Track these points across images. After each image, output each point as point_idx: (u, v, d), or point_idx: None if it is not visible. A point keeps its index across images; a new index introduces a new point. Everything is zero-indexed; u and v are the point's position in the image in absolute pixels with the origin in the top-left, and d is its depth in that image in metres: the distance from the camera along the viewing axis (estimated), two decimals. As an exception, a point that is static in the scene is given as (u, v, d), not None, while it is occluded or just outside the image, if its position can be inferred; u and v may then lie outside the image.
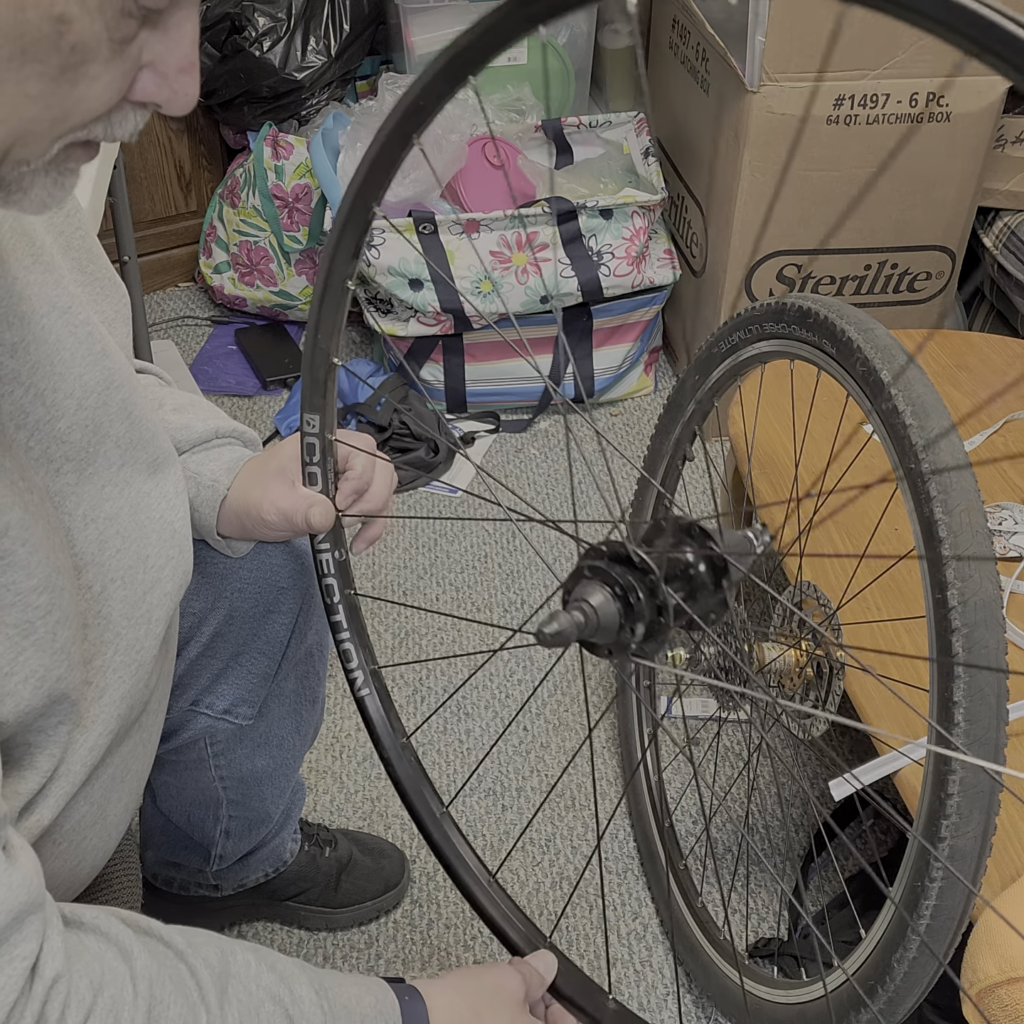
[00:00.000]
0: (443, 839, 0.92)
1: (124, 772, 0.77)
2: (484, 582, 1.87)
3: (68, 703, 0.66)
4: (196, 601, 1.00)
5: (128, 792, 0.79)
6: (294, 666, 1.10)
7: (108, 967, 0.61)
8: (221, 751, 1.11)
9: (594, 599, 0.65)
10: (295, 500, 0.89)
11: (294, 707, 1.13)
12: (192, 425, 0.92)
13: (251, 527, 0.91)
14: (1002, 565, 1.24)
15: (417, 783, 0.93)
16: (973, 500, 0.87)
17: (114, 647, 0.71)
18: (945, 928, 0.90)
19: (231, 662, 1.04)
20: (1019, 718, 1.10)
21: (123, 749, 0.76)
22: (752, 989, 1.18)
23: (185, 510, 0.80)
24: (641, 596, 0.64)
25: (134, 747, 0.78)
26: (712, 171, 2.03)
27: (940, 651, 0.87)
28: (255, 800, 1.18)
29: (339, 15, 2.26)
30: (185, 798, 1.18)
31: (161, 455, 0.78)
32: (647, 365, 2.28)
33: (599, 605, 0.65)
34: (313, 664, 1.13)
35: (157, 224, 2.46)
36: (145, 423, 0.76)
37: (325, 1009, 0.68)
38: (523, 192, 2.16)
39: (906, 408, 0.91)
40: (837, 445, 1.41)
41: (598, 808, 1.55)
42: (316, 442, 0.86)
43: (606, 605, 0.65)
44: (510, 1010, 0.76)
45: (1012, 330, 2.06)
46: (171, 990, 0.62)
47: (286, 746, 1.16)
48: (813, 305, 1.04)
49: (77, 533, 0.69)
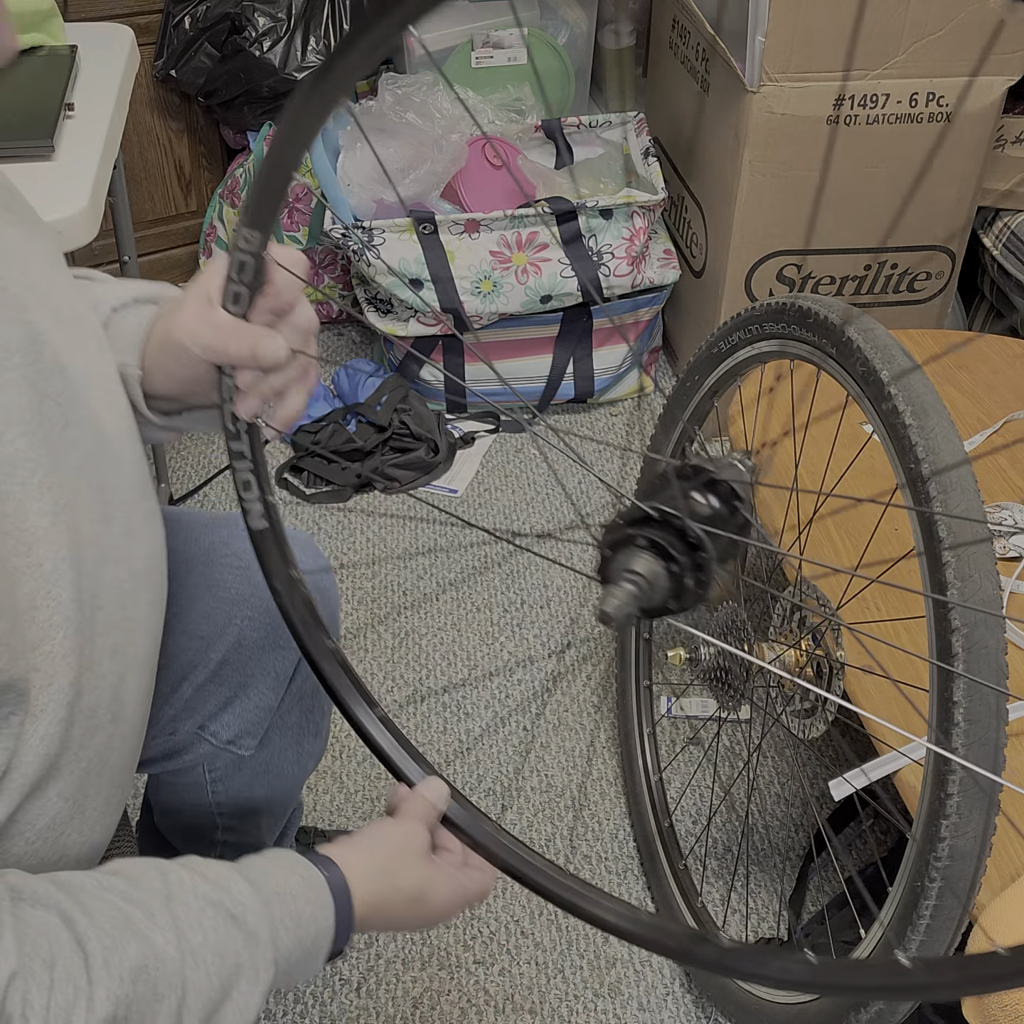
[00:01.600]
0: (334, 674, 0.91)
1: (100, 766, 0.75)
2: (484, 582, 1.87)
3: (15, 693, 0.64)
4: (205, 625, 0.99)
5: (108, 786, 0.77)
6: (299, 700, 1.09)
7: (54, 939, 0.61)
8: (219, 778, 1.10)
9: (636, 565, 0.65)
10: (215, 321, 0.77)
11: (296, 738, 1.12)
12: (114, 291, 0.87)
13: (172, 359, 0.81)
14: (1002, 565, 1.24)
15: (306, 617, 0.91)
16: (973, 500, 0.88)
17: (63, 631, 0.68)
18: (945, 928, 0.90)
19: (239, 691, 1.03)
20: (1019, 718, 1.10)
21: (95, 742, 0.74)
22: (752, 989, 1.18)
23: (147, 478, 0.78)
24: (673, 542, 0.65)
25: (110, 740, 0.76)
26: (712, 171, 2.03)
27: (940, 651, 0.87)
28: (251, 827, 1.17)
29: (339, 15, 2.26)
30: (181, 819, 1.16)
31: (106, 402, 0.75)
32: (647, 365, 2.28)
33: (642, 568, 0.65)
34: (319, 698, 1.12)
35: (157, 224, 2.46)
36: (81, 377, 0.73)
37: (261, 899, 0.69)
38: (523, 192, 2.16)
39: (906, 408, 0.91)
40: (837, 446, 1.41)
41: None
42: (250, 261, 0.75)
43: (648, 564, 0.65)
44: (419, 863, 0.79)
45: (1012, 330, 2.06)
46: (122, 933, 0.63)
47: (285, 776, 1.14)
48: (813, 305, 1.04)
49: (31, 504, 0.66)
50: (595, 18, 2.35)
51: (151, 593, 0.81)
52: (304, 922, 0.71)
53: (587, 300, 2.08)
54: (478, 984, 1.36)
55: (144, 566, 0.79)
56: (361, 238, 1.99)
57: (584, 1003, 1.34)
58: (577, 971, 1.37)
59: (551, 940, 1.40)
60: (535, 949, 1.39)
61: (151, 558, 0.80)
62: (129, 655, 0.77)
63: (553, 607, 1.83)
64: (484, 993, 1.35)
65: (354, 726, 0.86)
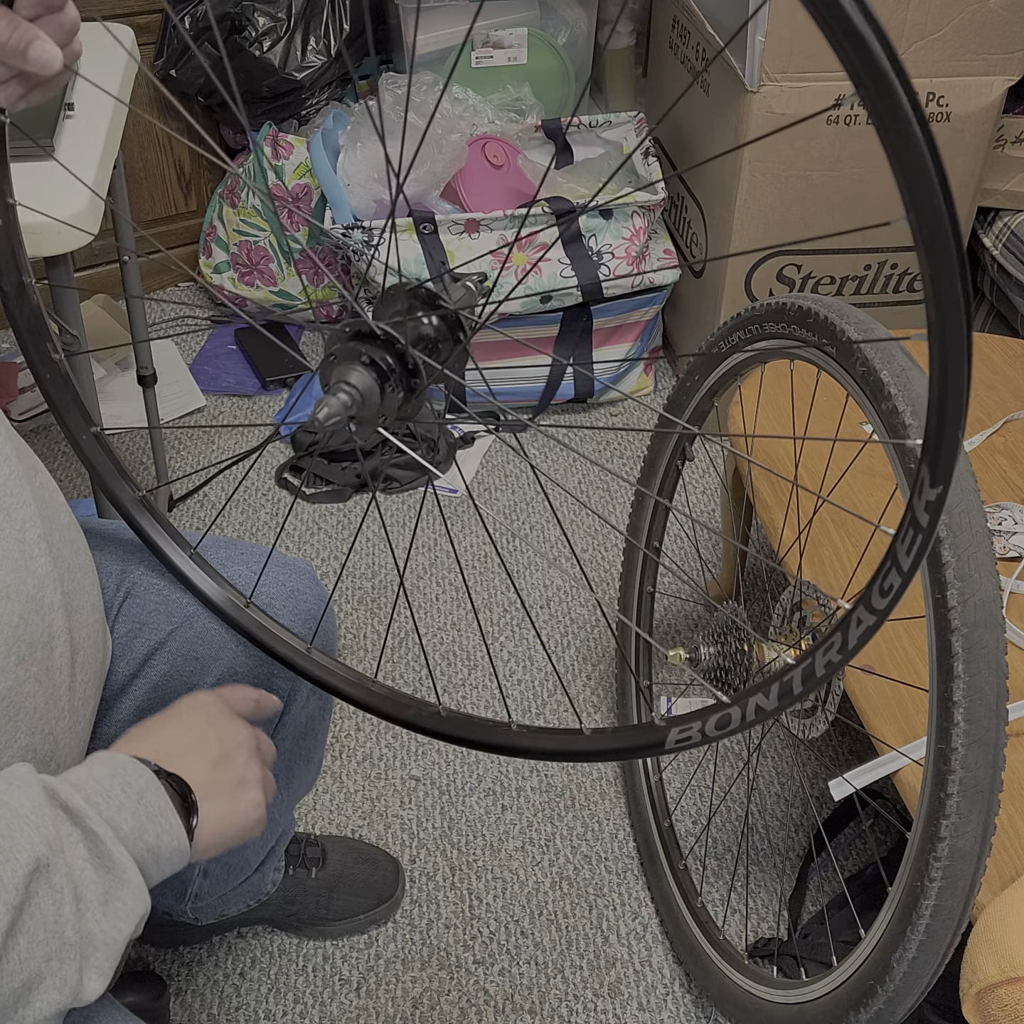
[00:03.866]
0: (146, 521, 0.94)
1: (13, 711, 0.75)
2: (484, 582, 1.87)
3: None
4: (201, 646, 0.99)
5: (26, 733, 0.76)
6: (292, 730, 1.08)
7: None
8: None
9: (351, 377, 0.68)
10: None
11: (287, 765, 1.11)
12: None
13: None
14: (1002, 565, 1.24)
15: (111, 465, 0.94)
16: (973, 500, 0.88)
17: None
18: (945, 928, 0.90)
19: None
20: (1019, 718, 1.10)
21: (0, 685, 0.73)
22: (752, 989, 1.18)
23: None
24: (391, 359, 0.69)
25: (19, 684, 0.75)
26: (712, 171, 2.03)
27: (940, 651, 0.87)
28: (236, 849, 1.17)
29: (339, 15, 2.26)
30: None
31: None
32: (647, 365, 2.28)
33: (357, 381, 0.68)
34: (313, 728, 1.12)
35: (157, 224, 2.46)
36: None
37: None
38: (523, 192, 2.16)
39: (906, 408, 0.91)
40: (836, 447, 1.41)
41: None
42: None
43: (363, 378, 0.68)
44: (245, 761, 0.82)
45: (1012, 330, 2.06)
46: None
47: (274, 801, 1.14)
48: (813, 305, 1.04)
49: None
50: (595, 18, 2.35)
51: (14, 530, 0.78)
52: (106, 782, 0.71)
53: (587, 300, 2.08)
54: (478, 984, 1.36)
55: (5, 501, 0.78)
56: (361, 238, 1.99)
57: (584, 1003, 1.34)
58: (577, 971, 1.37)
59: (551, 940, 1.40)
60: (535, 949, 1.39)
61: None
62: (23, 595, 0.76)
63: (553, 607, 1.83)
64: (484, 993, 1.35)
65: (173, 571, 0.96)
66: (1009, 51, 1.82)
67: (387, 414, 0.71)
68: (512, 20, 2.23)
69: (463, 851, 1.49)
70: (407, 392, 0.71)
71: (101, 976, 0.66)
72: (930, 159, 0.41)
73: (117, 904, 0.67)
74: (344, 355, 0.69)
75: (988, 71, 1.84)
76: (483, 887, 1.45)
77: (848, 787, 1.09)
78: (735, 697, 0.66)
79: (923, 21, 1.78)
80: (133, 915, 0.68)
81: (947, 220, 0.43)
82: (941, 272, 0.45)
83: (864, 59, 0.39)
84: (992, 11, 1.78)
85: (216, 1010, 1.33)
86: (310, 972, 1.37)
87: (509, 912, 1.43)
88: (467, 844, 1.50)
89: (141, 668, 0.98)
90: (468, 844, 1.50)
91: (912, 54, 1.80)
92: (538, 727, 0.79)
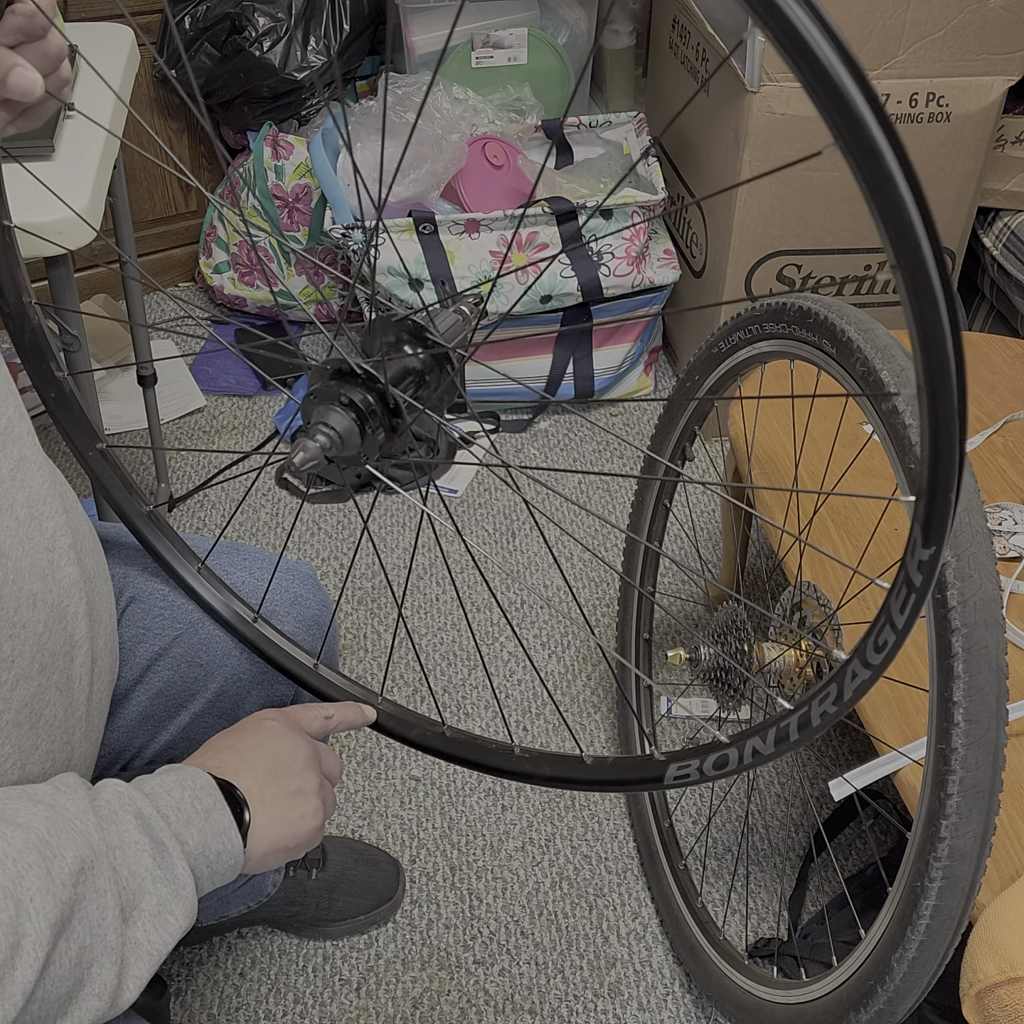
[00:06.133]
0: (154, 536, 0.95)
1: (34, 719, 0.75)
2: (484, 582, 1.87)
3: None
4: (205, 652, 0.99)
5: (47, 740, 0.76)
6: None
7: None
8: None
9: (330, 419, 0.67)
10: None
11: None
12: None
13: None
14: (1002, 565, 1.24)
15: (118, 480, 0.94)
16: (973, 500, 0.88)
17: None
18: (945, 928, 0.90)
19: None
20: (1019, 718, 1.10)
21: (21, 693, 0.73)
22: (752, 989, 1.18)
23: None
24: (371, 400, 0.67)
25: (40, 691, 0.75)
26: (712, 171, 2.03)
27: (940, 651, 0.87)
28: None
29: (339, 15, 2.26)
30: None
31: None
32: (647, 365, 2.28)
33: (335, 422, 0.66)
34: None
35: (157, 224, 2.46)
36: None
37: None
38: (523, 192, 2.16)
39: (906, 408, 0.91)
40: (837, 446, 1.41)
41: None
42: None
43: (341, 420, 0.67)
44: (302, 770, 0.82)
45: (1012, 330, 2.06)
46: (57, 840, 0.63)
47: None
48: (813, 305, 1.04)
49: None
50: (595, 18, 2.35)
51: (44, 539, 0.78)
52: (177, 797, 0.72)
53: (587, 300, 2.08)
54: (478, 984, 1.36)
55: (26, 513, 0.77)
56: (361, 238, 1.99)
57: (584, 1003, 1.34)
58: (577, 971, 1.37)
59: (551, 940, 1.40)
60: (535, 949, 1.39)
61: (30, 505, 0.78)
62: (49, 604, 0.76)
63: (553, 607, 1.83)
64: (484, 993, 1.35)
65: (179, 582, 0.96)
66: (1009, 51, 1.82)
67: (368, 454, 0.69)
68: (512, 20, 2.23)
69: (463, 851, 1.49)
70: (389, 431, 0.69)
71: (138, 986, 0.66)
72: (918, 217, 0.41)
73: (169, 918, 0.68)
74: (324, 395, 0.68)
75: (988, 71, 1.84)
76: (483, 887, 1.45)
77: (848, 787, 1.09)
78: (733, 738, 0.67)
79: (923, 21, 1.78)
80: (180, 930, 0.69)
81: (937, 279, 0.42)
82: (928, 327, 0.44)
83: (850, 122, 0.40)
84: (992, 11, 1.78)
85: (216, 1010, 1.33)
86: (310, 972, 1.37)
87: (509, 912, 1.43)
88: (467, 844, 1.50)
89: (144, 674, 0.97)
90: (468, 844, 1.50)
91: (912, 54, 1.80)
92: (540, 752, 0.80)
